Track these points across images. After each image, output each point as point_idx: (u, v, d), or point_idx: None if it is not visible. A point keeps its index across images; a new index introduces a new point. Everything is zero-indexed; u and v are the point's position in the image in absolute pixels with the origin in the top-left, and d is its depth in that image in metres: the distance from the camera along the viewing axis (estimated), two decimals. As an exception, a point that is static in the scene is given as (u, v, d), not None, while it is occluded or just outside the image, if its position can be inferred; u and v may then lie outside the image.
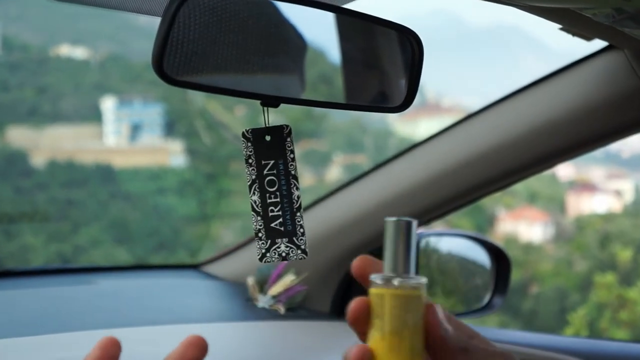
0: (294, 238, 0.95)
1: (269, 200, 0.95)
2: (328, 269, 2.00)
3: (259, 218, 0.94)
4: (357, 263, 0.75)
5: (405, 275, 0.72)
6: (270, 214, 0.94)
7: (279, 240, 0.95)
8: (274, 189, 0.95)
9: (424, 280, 0.73)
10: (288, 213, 0.95)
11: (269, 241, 0.95)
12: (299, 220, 0.95)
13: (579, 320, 12.15)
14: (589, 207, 17.80)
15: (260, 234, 0.95)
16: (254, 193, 0.94)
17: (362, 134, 19.00)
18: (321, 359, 1.77)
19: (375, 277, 0.72)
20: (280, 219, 0.95)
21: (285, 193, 0.95)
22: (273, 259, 0.94)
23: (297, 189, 0.96)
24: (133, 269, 2.19)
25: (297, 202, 0.95)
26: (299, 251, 0.95)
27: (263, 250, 0.95)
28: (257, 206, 0.94)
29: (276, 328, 1.87)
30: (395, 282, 0.71)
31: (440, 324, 0.72)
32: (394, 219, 0.73)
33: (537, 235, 16.64)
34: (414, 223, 0.74)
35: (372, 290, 0.72)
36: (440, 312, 0.73)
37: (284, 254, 0.95)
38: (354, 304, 0.71)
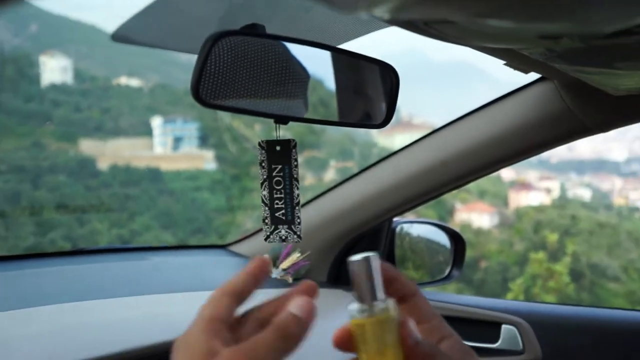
0: (292, 226, 0.96)
1: (275, 196, 0.95)
2: (325, 248, 2.00)
3: (266, 208, 0.95)
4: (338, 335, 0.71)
5: (375, 301, 0.69)
6: (276, 206, 0.95)
7: (281, 226, 0.96)
8: (280, 187, 0.96)
9: (391, 301, 0.69)
10: (289, 206, 0.95)
11: (273, 226, 0.96)
12: (297, 212, 0.96)
13: (517, 288, 12.19)
14: (525, 201, 17.81)
15: (267, 221, 0.96)
16: (264, 189, 0.95)
17: (352, 144, 19.01)
18: (320, 315, 1.77)
19: (353, 310, 0.69)
20: (283, 210, 0.95)
21: (288, 191, 0.96)
22: (275, 240, 0.96)
23: (297, 188, 0.96)
24: (176, 248, 2.19)
25: (296, 198, 0.96)
26: (295, 236, 0.96)
27: (268, 233, 0.96)
28: (266, 199, 0.95)
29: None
30: (370, 311, 0.68)
31: (410, 335, 0.68)
32: (356, 258, 0.69)
33: (486, 223, 16.64)
34: (373, 256, 0.69)
35: (353, 321, 0.69)
36: (411, 324, 0.69)
37: (283, 237, 0.96)
38: (337, 333, 0.69)
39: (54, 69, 18.48)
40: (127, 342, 1.18)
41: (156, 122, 18.37)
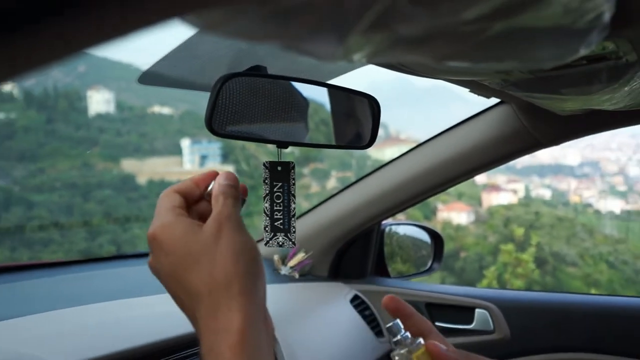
0: (288, 234, 0.96)
1: (275, 208, 0.95)
2: (326, 248, 2.00)
3: (267, 218, 0.95)
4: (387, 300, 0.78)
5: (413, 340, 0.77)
6: (275, 216, 0.95)
7: (279, 234, 0.96)
8: (279, 201, 0.96)
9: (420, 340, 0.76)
10: (286, 217, 0.96)
11: (272, 234, 0.96)
12: (293, 223, 0.96)
13: (491, 274, 12.18)
14: (496, 201, 17.81)
15: (267, 228, 0.96)
16: (266, 202, 0.95)
17: (350, 157, 19.03)
18: (322, 306, 1.77)
19: (402, 353, 0.76)
20: (281, 220, 0.95)
21: (286, 204, 0.96)
22: (273, 245, 0.96)
23: (294, 202, 0.97)
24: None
25: (293, 211, 0.96)
26: (291, 242, 0.96)
27: (267, 239, 0.96)
28: (267, 210, 0.95)
29: (293, 287, 1.86)
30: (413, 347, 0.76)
31: (440, 349, 0.73)
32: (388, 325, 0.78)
33: (463, 220, 16.63)
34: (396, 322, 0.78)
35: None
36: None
37: (280, 243, 0.96)
38: None
39: (99, 102, 18.59)
40: (161, 333, 1.18)
41: (185, 143, 18.46)
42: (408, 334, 0.78)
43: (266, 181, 0.96)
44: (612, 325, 1.72)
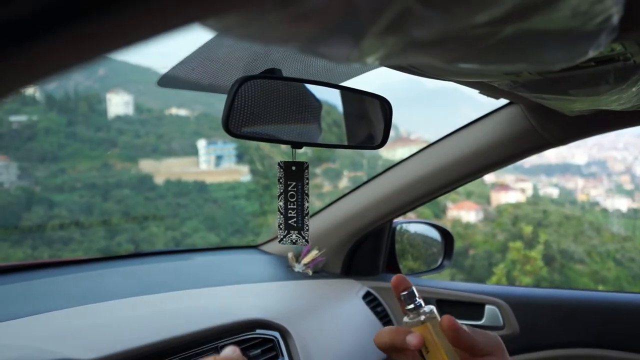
0: (302, 232, 0.96)
1: (289, 206, 0.96)
2: (338, 246, 2.00)
3: (281, 216, 0.96)
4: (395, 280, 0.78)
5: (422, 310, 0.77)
6: (289, 214, 0.96)
7: (292, 231, 0.96)
8: (293, 200, 0.96)
9: (432, 307, 0.77)
10: (300, 216, 0.96)
11: (286, 231, 0.96)
12: (306, 221, 0.96)
13: (500, 271, 12.14)
14: (504, 200, 17.71)
15: (281, 226, 0.96)
16: (280, 200, 0.96)
17: (361, 157, 19.02)
18: (335, 302, 1.77)
19: (412, 320, 0.77)
20: (295, 219, 0.96)
21: (300, 203, 0.96)
22: (287, 242, 0.96)
23: (307, 201, 0.97)
24: (216, 249, 2.18)
25: (306, 209, 0.97)
26: (304, 240, 0.97)
27: (281, 237, 0.96)
28: (281, 209, 0.96)
29: (307, 284, 1.86)
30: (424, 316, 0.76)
31: (456, 323, 0.74)
32: (404, 293, 0.78)
33: (473, 218, 16.55)
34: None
35: (418, 328, 0.75)
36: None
37: (294, 240, 0.96)
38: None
39: (118, 104, 18.69)
40: (178, 329, 1.18)
41: (201, 144, 18.53)
42: (422, 301, 0.77)
43: (280, 180, 0.96)
44: (619, 322, 1.71)
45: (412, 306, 0.77)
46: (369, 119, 1.12)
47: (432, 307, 0.77)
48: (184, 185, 16.74)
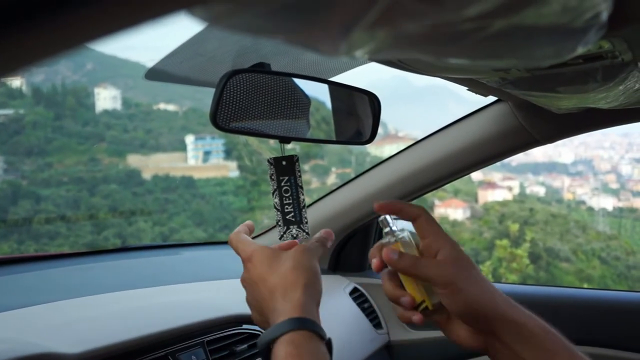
0: (301, 225, 0.96)
1: (285, 202, 0.95)
2: (326, 242, 2.00)
3: (279, 213, 0.95)
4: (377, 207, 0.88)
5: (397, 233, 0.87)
6: (286, 210, 0.95)
7: (292, 226, 0.96)
8: (288, 194, 0.95)
9: (406, 232, 0.87)
10: (297, 209, 0.95)
11: (285, 227, 0.96)
12: (304, 214, 0.96)
13: (486, 269, 12.22)
14: (491, 198, 17.81)
15: (280, 223, 0.96)
16: (275, 197, 0.95)
17: (349, 154, 19.05)
18: (322, 297, 1.77)
19: (389, 241, 0.87)
20: (292, 213, 0.95)
21: (295, 197, 0.96)
22: (288, 238, 0.96)
23: (302, 194, 0.96)
24: (204, 244, 2.18)
25: (302, 202, 0.96)
26: (304, 233, 0.96)
27: (281, 233, 0.96)
28: (277, 205, 0.95)
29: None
30: (396, 238, 0.86)
31: (391, 257, 0.84)
32: (380, 218, 0.90)
33: (460, 216, 16.63)
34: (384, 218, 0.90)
35: (392, 247, 0.85)
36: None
37: (294, 235, 0.96)
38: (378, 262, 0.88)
39: (106, 98, 18.59)
40: (164, 324, 1.17)
41: (189, 139, 18.47)
42: (395, 227, 0.88)
43: (272, 177, 0.95)
44: (604, 319, 1.72)
45: (387, 229, 0.88)
46: (358, 115, 1.11)
47: (407, 232, 0.87)
48: (172, 181, 16.72)
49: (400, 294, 0.86)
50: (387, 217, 0.88)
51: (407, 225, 0.88)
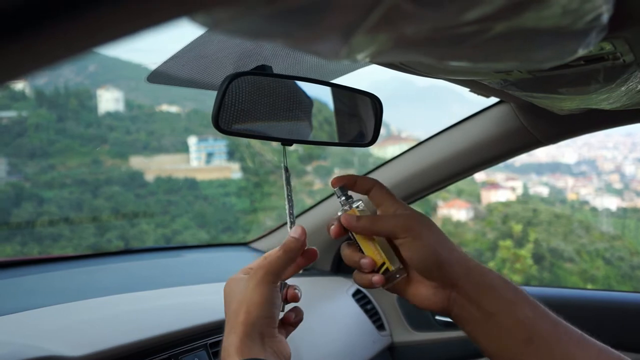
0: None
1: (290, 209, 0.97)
2: (328, 244, 2.00)
3: (289, 218, 0.96)
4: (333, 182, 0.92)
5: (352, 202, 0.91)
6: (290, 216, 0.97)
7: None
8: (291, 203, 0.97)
9: (361, 202, 0.90)
10: (293, 215, 0.97)
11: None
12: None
13: (490, 270, 12.16)
14: (495, 198, 17.76)
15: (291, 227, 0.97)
16: (288, 202, 0.97)
17: (352, 155, 19.01)
18: (325, 299, 1.77)
19: (344, 209, 0.90)
20: (292, 218, 0.96)
21: (292, 202, 0.97)
22: None
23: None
24: (206, 247, 2.18)
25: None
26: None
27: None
28: (290, 210, 0.97)
29: (296, 281, 1.86)
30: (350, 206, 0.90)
31: (350, 221, 0.88)
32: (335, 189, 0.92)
33: (463, 216, 16.59)
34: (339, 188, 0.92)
35: (347, 213, 0.89)
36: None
37: None
38: (335, 228, 0.91)
39: (109, 100, 18.62)
40: (167, 326, 1.18)
41: (192, 141, 18.48)
42: (352, 197, 0.91)
43: (288, 183, 0.97)
44: (608, 319, 1.72)
45: (343, 198, 0.91)
46: (360, 117, 1.11)
47: (361, 201, 0.90)
48: (175, 183, 16.73)
49: (359, 257, 0.88)
50: (339, 188, 0.92)
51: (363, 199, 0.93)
